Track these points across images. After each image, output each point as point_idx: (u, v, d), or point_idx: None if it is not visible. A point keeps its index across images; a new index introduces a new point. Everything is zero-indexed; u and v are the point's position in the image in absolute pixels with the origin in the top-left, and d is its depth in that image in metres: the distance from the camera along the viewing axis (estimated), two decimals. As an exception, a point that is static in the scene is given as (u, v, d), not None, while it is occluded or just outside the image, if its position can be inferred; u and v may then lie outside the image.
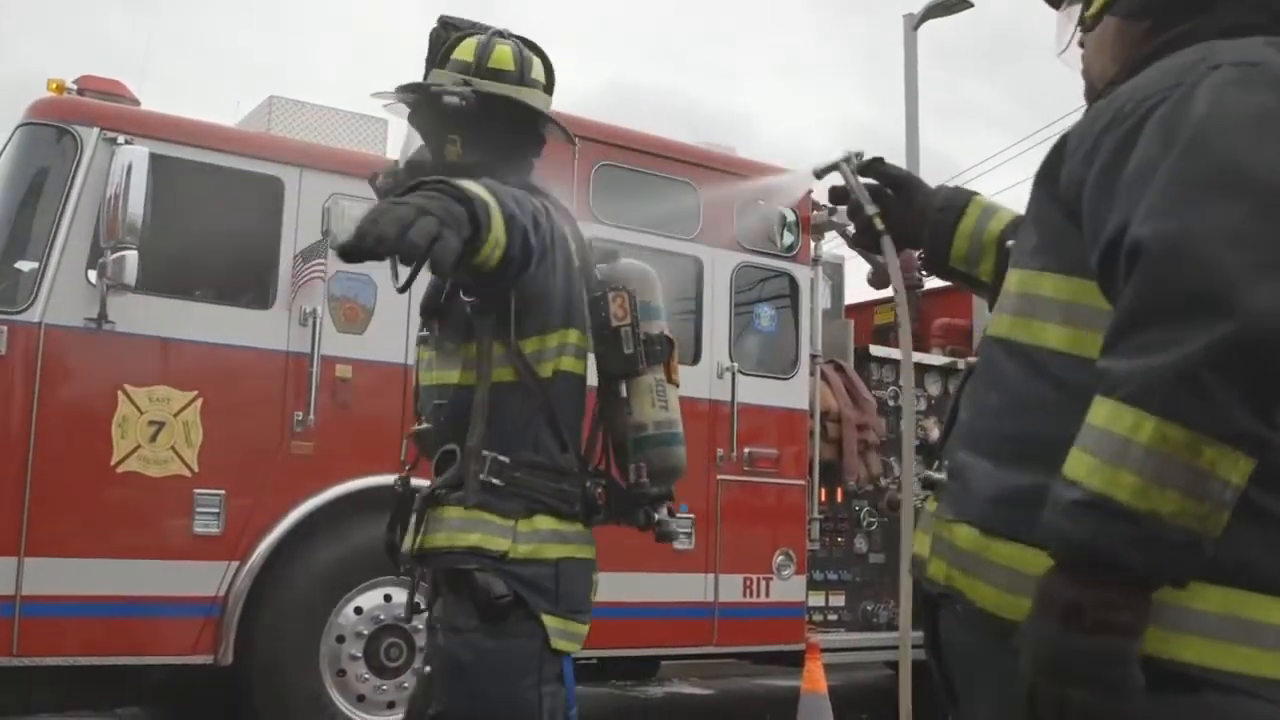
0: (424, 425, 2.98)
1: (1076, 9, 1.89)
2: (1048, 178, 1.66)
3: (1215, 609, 1.37)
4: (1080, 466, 1.38)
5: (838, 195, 2.37)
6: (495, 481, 2.77)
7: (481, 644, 2.71)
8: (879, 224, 2.27)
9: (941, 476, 1.75)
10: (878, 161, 2.34)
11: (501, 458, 2.78)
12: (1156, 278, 1.36)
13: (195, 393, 5.73)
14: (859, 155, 2.35)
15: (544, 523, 2.82)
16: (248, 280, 6.34)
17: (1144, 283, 1.37)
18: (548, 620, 2.77)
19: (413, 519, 2.86)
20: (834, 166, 2.34)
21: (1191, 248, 1.34)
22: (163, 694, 6.92)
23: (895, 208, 2.29)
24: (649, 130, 7.43)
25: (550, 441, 2.87)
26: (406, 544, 2.86)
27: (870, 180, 2.33)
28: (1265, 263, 1.32)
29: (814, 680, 4.29)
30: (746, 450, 7.25)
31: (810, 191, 7.87)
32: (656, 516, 3.05)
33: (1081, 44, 1.89)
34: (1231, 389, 1.30)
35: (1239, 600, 1.38)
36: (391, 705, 5.99)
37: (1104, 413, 1.37)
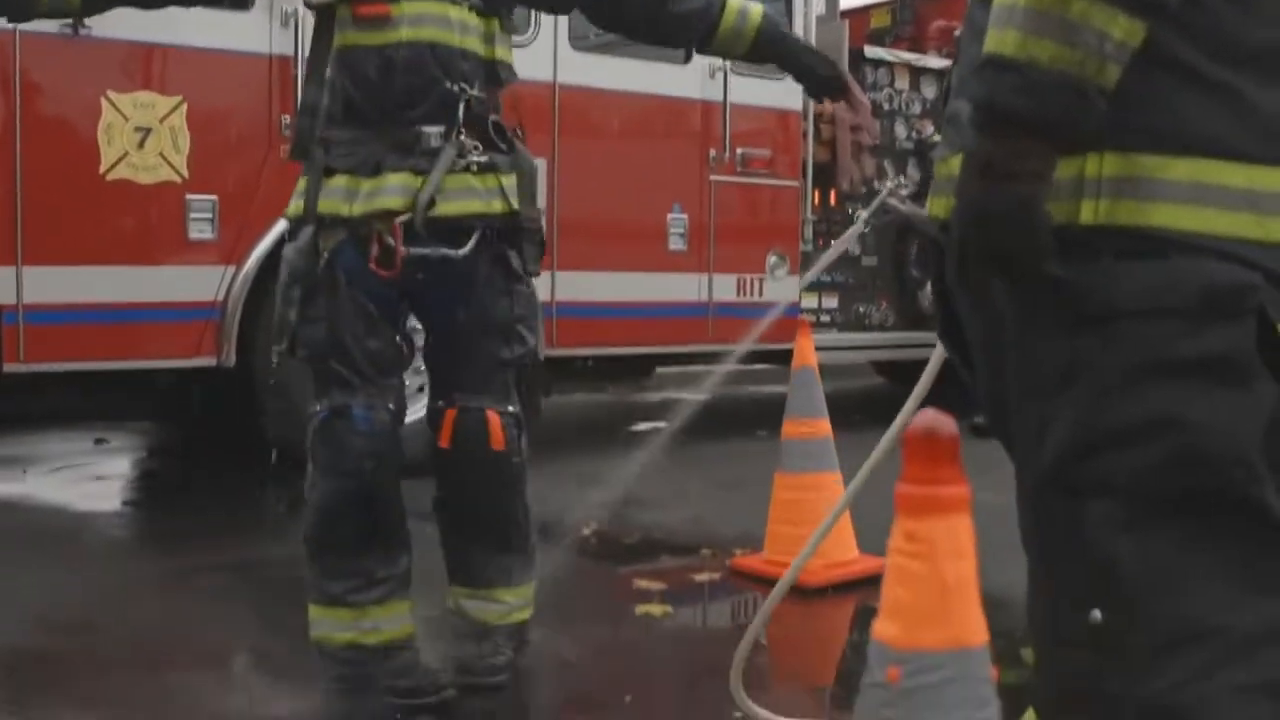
0: None
1: None
2: None
3: (1184, 177, 1.49)
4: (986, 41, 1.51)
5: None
6: None
7: None
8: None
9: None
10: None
11: None
12: None
13: (179, 98, 5.64)
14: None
15: None
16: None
17: None
18: None
19: None
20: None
21: None
22: (169, 404, 7.10)
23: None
24: None
25: None
26: None
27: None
28: None
29: (804, 355, 4.38)
30: (739, 151, 7.20)
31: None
32: None
33: None
34: None
35: (1205, 168, 1.49)
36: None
37: None
